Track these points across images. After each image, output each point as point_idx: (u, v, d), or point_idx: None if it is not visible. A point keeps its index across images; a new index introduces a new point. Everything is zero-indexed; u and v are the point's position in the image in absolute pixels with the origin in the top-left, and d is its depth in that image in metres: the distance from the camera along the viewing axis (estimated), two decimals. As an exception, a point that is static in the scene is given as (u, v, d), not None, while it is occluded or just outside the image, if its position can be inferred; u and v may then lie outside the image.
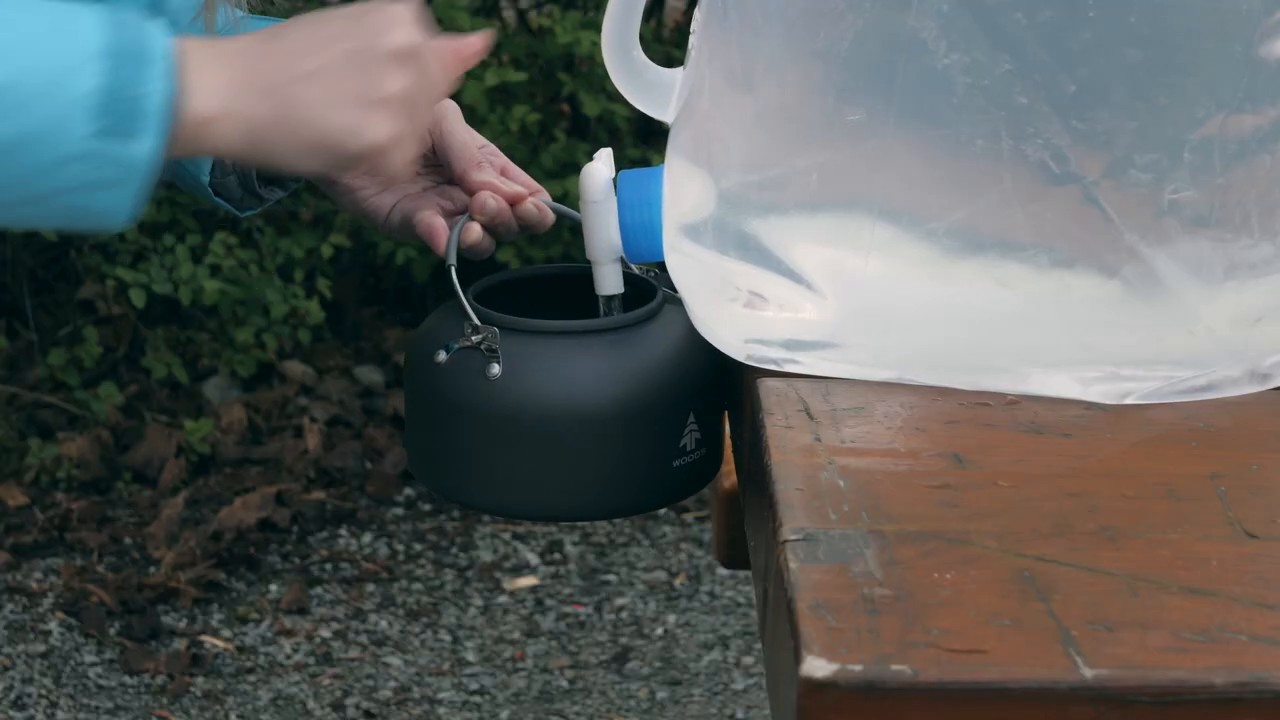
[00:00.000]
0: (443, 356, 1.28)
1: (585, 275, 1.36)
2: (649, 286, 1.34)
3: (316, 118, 1.15)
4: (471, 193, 1.35)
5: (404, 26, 1.17)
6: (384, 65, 1.16)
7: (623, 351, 1.28)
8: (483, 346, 1.26)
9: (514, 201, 1.35)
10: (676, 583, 2.94)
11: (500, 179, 1.36)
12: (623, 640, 2.78)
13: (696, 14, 1.24)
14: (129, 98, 1.08)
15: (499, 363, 1.26)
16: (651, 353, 1.28)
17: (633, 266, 1.34)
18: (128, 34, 1.09)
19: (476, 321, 1.27)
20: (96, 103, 1.07)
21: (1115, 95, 1.16)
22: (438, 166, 1.39)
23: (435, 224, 1.35)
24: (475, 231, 1.34)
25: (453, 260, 1.31)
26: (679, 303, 1.33)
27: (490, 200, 1.34)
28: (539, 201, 1.36)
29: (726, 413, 1.36)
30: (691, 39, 1.25)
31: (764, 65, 1.20)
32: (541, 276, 1.41)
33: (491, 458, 1.27)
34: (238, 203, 1.43)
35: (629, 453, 1.27)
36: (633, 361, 1.27)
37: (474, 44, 1.22)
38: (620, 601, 2.88)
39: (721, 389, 1.33)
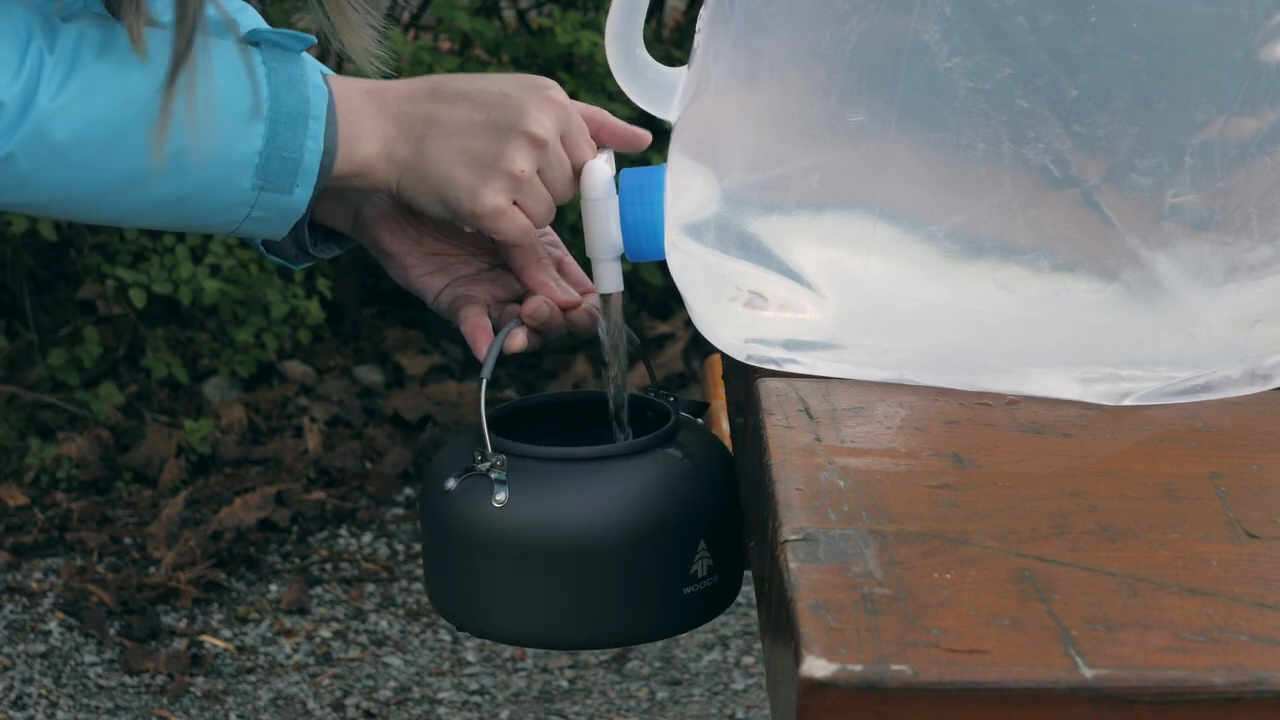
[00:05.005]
0: (452, 483, 1.28)
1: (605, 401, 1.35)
2: (665, 411, 1.33)
3: (443, 171, 1.26)
4: (528, 290, 1.35)
5: (549, 115, 1.26)
6: (516, 142, 1.25)
7: (629, 479, 1.27)
8: (490, 473, 1.26)
9: (568, 308, 1.34)
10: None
11: (557, 281, 1.35)
12: (622, 640, 2.78)
13: (702, 13, 1.24)
14: (285, 159, 1.22)
15: (505, 490, 1.25)
16: (659, 480, 1.27)
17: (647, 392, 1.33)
18: (286, 96, 1.22)
19: (487, 448, 1.26)
20: (258, 164, 1.22)
21: (1116, 99, 1.16)
22: (493, 249, 1.38)
23: (479, 330, 1.34)
24: (520, 340, 1.33)
25: (487, 374, 1.29)
26: (694, 427, 1.32)
27: (544, 307, 1.33)
28: (591, 309, 1.35)
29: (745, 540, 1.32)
30: (696, 38, 1.25)
31: (768, 65, 1.20)
32: (566, 402, 1.40)
33: (497, 585, 1.26)
34: (292, 260, 1.44)
35: (635, 581, 1.26)
36: (638, 489, 1.26)
37: (634, 133, 1.32)
38: (620, 602, 2.87)
39: (735, 515, 1.31)
